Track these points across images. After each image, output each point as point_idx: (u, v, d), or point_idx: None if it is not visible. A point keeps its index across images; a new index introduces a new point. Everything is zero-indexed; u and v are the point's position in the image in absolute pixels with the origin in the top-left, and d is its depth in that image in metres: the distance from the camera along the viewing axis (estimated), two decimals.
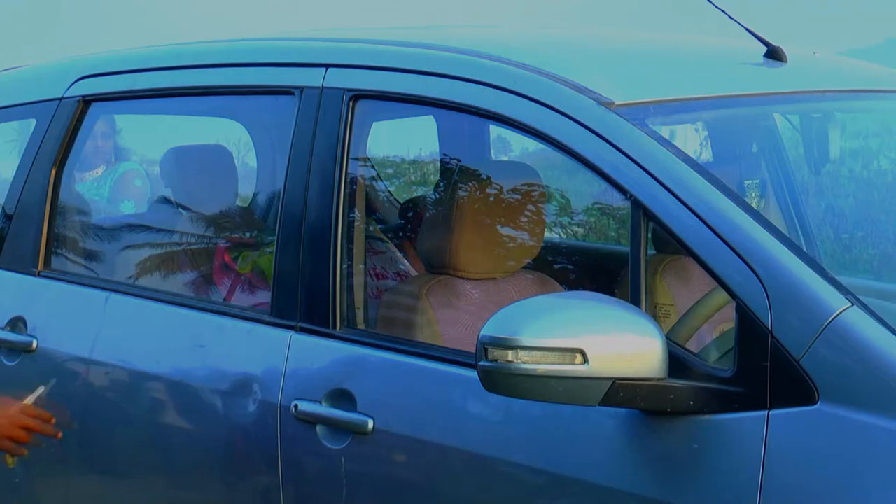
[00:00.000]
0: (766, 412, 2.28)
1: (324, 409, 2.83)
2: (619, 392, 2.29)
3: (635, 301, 2.46)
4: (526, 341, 2.28)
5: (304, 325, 2.94)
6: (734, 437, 2.30)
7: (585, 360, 2.26)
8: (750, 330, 2.33)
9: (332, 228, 2.93)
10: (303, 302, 2.94)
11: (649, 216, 2.49)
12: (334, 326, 2.91)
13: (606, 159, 2.58)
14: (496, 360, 2.30)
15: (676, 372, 2.33)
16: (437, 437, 2.70)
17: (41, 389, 2.92)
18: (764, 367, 2.29)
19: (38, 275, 3.48)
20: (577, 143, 2.64)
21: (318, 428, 2.84)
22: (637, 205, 2.50)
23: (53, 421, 2.86)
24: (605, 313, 2.34)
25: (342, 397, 2.82)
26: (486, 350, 2.31)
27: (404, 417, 2.76)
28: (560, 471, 2.50)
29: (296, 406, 2.86)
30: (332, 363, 2.91)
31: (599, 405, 2.31)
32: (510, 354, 2.28)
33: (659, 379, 2.31)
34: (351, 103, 2.97)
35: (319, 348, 2.91)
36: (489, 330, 2.33)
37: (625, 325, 2.30)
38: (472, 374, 2.42)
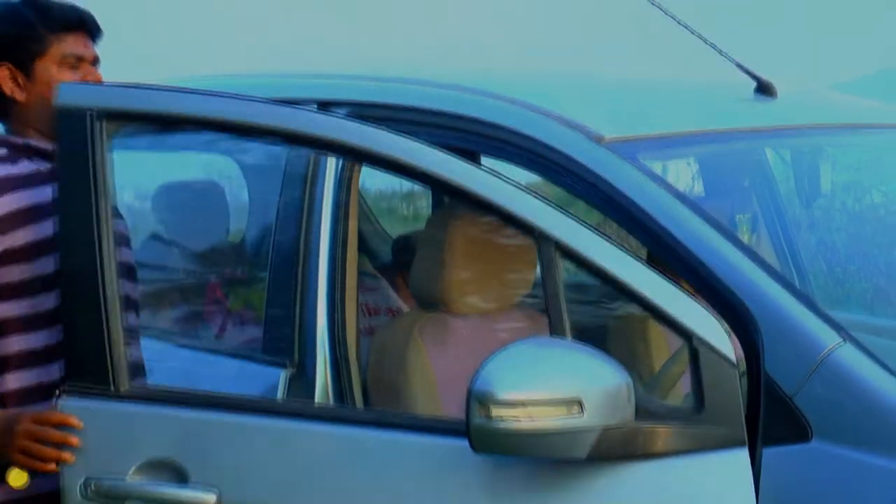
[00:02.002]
0: (759, 450, 2.27)
1: (138, 485, 2.49)
2: (606, 441, 2.20)
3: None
4: (526, 396, 2.16)
5: (80, 384, 2.55)
6: (725, 476, 2.27)
7: (581, 410, 2.18)
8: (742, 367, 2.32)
9: (96, 272, 2.55)
10: (73, 357, 2.57)
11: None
12: (117, 385, 2.54)
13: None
14: (496, 417, 2.17)
15: (657, 413, 2.27)
16: None
17: None
18: (756, 404, 2.28)
19: None
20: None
21: None
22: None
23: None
24: (589, 361, 2.24)
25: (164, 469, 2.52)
26: (481, 406, 2.17)
27: (260, 488, 2.48)
28: None
29: (92, 485, 2.53)
30: (133, 430, 2.55)
31: (588, 457, 2.20)
32: (514, 411, 2.16)
33: (633, 422, 2.22)
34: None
35: (107, 413, 2.54)
36: (484, 384, 2.19)
37: (605, 370, 2.22)
38: (345, 431, 2.33)
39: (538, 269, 2.86)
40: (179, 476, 2.51)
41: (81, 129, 2.55)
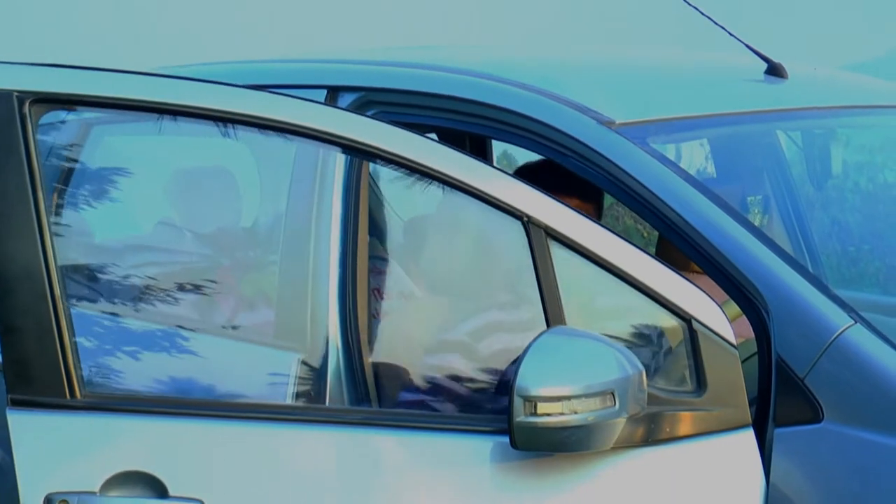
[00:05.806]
0: (770, 431, 2.27)
1: (112, 500, 2.29)
2: (627, 430, 2.20)
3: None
4: (570, 390, 2.15)
5: (27, 395, 2.30)
6: (733, 457, 2.28)
7: (615, 402, 2.16)
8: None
9: (37, 265, 2.31)
10: (17, 364, 2.30)
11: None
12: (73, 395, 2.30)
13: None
14: (542, 414, 2.15)
15: (663, 398, 2.27)
16: None
17: None
18: (767, 385, 2.29)
19: None
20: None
21: None
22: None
23: None
24: (612, 351, 2.22)
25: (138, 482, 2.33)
26: (526, 403, 2.14)
27: (250, 499, 2.33)
28: None
29: (56, 502, 2.31)
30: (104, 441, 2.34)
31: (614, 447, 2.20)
32: (558, 406, 2.14)
33: (647, 409, 2.23)
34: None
35: (64, 425, 2.32)
36: (528, 381, 2.15)
37: (627, 359, 2.21)
38: (346, 432, 2.26)
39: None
40: (156, 489, 2.33)
41: (9, 111, 2.31)
